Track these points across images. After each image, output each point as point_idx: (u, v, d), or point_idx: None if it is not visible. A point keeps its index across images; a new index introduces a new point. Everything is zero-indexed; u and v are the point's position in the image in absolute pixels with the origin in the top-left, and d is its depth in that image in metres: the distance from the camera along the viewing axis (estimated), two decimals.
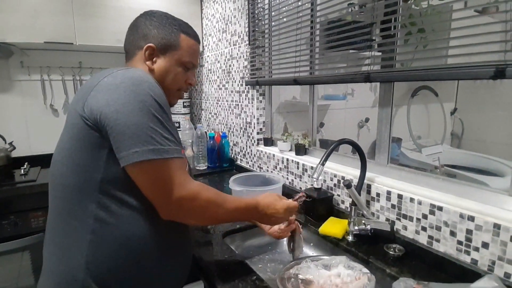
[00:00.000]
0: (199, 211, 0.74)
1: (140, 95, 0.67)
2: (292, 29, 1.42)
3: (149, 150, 0.65)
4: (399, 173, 1.08)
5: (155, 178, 0.67)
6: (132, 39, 0.84)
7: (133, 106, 0.66)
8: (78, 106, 0.70)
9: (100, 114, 0.66)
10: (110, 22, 1.94)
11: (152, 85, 0.70)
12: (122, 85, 0.68)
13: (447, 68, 0.86)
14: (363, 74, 1.07)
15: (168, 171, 0.68)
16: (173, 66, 0.84)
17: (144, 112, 0.66)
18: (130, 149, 0.65)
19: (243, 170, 1.86)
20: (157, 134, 0.67)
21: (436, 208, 0.91)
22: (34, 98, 2.11)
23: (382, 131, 1.13)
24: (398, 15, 1.00)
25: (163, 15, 0.85)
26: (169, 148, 0.68)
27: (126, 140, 0.65)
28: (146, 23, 0.83)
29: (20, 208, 1.62)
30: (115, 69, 0.72)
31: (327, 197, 1.22)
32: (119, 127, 0.65)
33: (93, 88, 0.69)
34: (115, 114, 0.65)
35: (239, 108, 1.92)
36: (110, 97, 0.67)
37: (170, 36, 0.83)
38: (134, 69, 0.73)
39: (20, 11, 1.72)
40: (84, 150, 0.69)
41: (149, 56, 0.82)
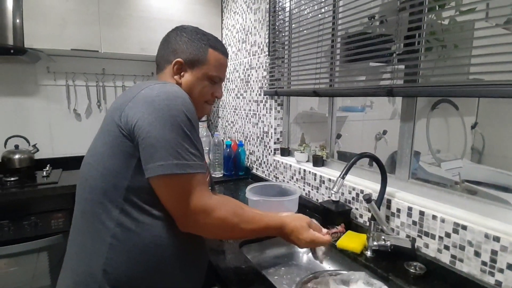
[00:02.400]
0: (213, 227, 0.74)
1: (173, 110, 0.70)
2: (313, 41, 1.43)
3: (173, 165, 0.68)
4: (420, 189, 1.06)
5: (176, 191, 0.70)
6: (163, 53, 0.89)
7: (165, 121, 0.69)
8: (116, 114, 0.73)
9: (134, 125, 0.70)
10: (134, 32, 2.00)
11: (185, 101, 0.74)
12: (157, 98, 0.71)
13: (471, 85, 0.85)
14: (386, 88, 1.06)
15: (188, 185, 0.70)
16: (199, 80, 0.87)
17: (175, 127, 0.69)
18: (156, 162, 0.68)
19: (258, 179, 1.86)
20: (184, 150, 0.70)
21: (460, 227, 0.88)
22: (59, 103, 2.19)
23: (403, 145, 1.11)
24: (422, 30, 0.99)
25: (193, 30, 0.89)
26: (194, 164, 0.71)
27: (154, 153, 0.68)
28: (176, 39, 0.87)
29: (41, 209, 1.67)
30: (154, 82, 0.76)
31: (345, 210, 1.21)
32: (149, 140, 0.68)
33: (131, 99, 0.73)
34: (148, 126, 0.68)
35: (257, 117, 1.93)
36: (145, 109, 0.70)
37: (198, 51, 0.86)
38: (171, 84, 0.77)
39: (48, 20, 1.79)
40: (116, 157, 0.72)
41: (177, 70, 0.86)
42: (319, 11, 1.42)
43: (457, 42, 0.94)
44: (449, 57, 0.97)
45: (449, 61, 0.96)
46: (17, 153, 1.85)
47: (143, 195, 0.72)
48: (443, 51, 0.99)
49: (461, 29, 0.95)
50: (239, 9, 2.08)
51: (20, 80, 2.05)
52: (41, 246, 1.65)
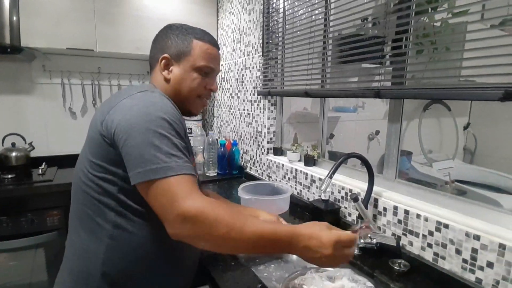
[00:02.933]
0: (205, 230, 0.63)
1: (150, 115, 0.70)
2: (305, 42, 1.46)
3: (151, 170, 0.65)
4: (406, 188, 1.09)
5: (159, 196, 0.66)
6: (153, 53, 0.90)
7: (140, 126, 0.68)
8: (98, 122, 0.74)
9: (114, 133, 0.70)
10: (129, 31, 2.02)
11: (164, 105, 0.73)
12: (136, 107, 0.71)
13: (456, 88, 0.87)
14: (373, 90, 1.09)
15: (172, 188, 0.65)
16: (188, 73, 0.86)
17: (151, 132, 0.68)
18: (135, 170, 0.67)
19: (252, 178, 1.89)
20: (163, 153, 0.67)
21: (442, 226, 0.91)
22: (54, 101, 2.20)
23: (390, 146, 1.14)
24: (409, 33, 1.02)
25: (180, 26, 0.89)
26: (176, 165, 0.67)
27: (131, 161, 0.68)
28: (163, 37, 0.88)
29: (37, 206, 1.69)
30: (137, 90, 0.77)
31: (334, 209, 1.24)
32: (127, 148, 0.68)
33: (113, 108, 0.74)
34: (125, 134, 0.68)
35: (251, 117, 1.96)
36: (123, 117, 0.70)
37: (183, 44, 0.86)
38: (151, 93, 0.76)
39: (44, 18, 1.80)
40: (103, 165, 0.74)
41: (165, 66, 0.86)
42: (311, 13, 1.45)
43: (448, 44, 0.96)
44: (439, 60, 0.99)
45: (439, 64, 0.98)
46: (13, 151, 1.87)
47: (134, 197, 0.73)
48: (434, 54, 1.01)
49: (452, 31, 0.97)
50: (234, 9, 2.10)
51: (16, 78, 2.06)
52: (37, 243, 1.67)
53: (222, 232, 0.63)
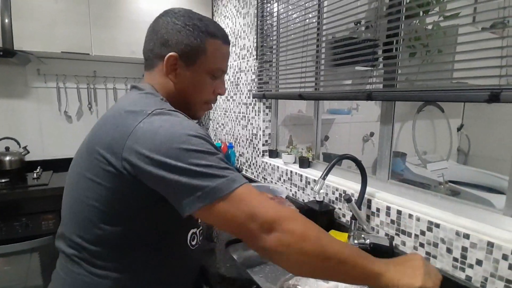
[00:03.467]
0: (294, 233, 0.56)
1: (182, 136, 0.59)
2: (299, 45, 1.48)
3: (214, 189, 0.57)
4: (399, 189, 1.10)
5: (231, 214, 0.57)
6: (152, 45, 0.74)
7: (177, 151, 0.58)
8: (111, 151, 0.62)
9: (143, 169, 0.59)
10: (125, 34, 2.02)
11: (190, 124, 0.63)
12: (161, 129, 0.60)
13: (445, 90, 0.89)
14: (366, 92, 1.11)
15: (244, 200, 0.58)
16: (199, 76, 0.74)
17: (191, 151, 0.58)
18: (191, 196, 0.57)
19: (248, 180, 1.89)
20: (216, 168, 0.58)
21: (433, 225, 0.93)
22: (49, 105, 2.19)
23: (383, 147, 1.16)
24: (400, 36, 1.04)
25: (187, 14, 0.73)
26: (235, 176, 0.59)
27: (183, 188, 0.58)
28: (167, 27, 0.72)
29: (32, 210, 1.68)
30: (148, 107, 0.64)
31: (328, 210, 1.25)
32: (171, 177, 0.57)
33: (129, 137, 0.61)
34: (162, 167, 0.58)
35: (246, 119, 1.97)
36: (153, 145, 0.59)
37: (195, 42, 0.71)
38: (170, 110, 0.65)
39: (38, 21, 1.80)
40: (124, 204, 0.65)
41: (171, 66, 0.72)
42: (305, 17, 1.47)
43: (440, 47, 0.98)
44: (430, 62, 1.01)
45: (430, 66, 0.99)
46: (7, 155, 1.87)
47: None
48: (426, 56, 1.03)
49: (444, 34, 0.99)
50: (229, 13, 2.12)
51: (10, 82, 2.06)
52: (32, 247, 1.66)
53: (312, 237, 0.57)
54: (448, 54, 0.94)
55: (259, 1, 1.75)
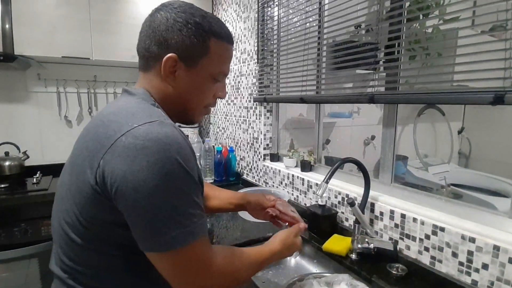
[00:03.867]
0: (229, 281, 0.64)
1: (166, 165, 0.53)
2: (300, 49, 1.47)
3: (172, 238, 0.54)
4: (402, 192, 1.09)
5: (177, 267, 0.57)
6: (148, 43, 0.66)
7: (156, 182, 0.52)
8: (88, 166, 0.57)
9: (115, 190, 0.54)
10: (125, 39, 2.02)
11: (180, 147, 0.56)
12: (144, 151, 0.53)
13: (448, 93, 0.89)
14: (368, 95, 1.10)
15: (191, 257, 0.57)
16: (200, 80, 0.68)
17: (170, 190, 0.54)
18: (147, 238, 0.55)
19: (249, 185, 1.88)
20: (182, 214, 0.55)
21: (438, 229, 0.92)
22: (49, 109, 2.19)
23: (386, 150, 1.15)
24: (401, 39, 1.04)
25: (189, 10, 0.65)
26: (195, 227, 0.56)
27: (143, 226, 0.55)
28: (166, 24, 0.64)
29: (31, 216, 1.67)
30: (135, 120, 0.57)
31: (331, 214, 1.24)
32: (137, 210, 0.54)
33: (108, 149, 0.55)
34: (133, 193, 0.53)
35: (247, 123, 1.96)
36: (128, 168, 0.53)
37: (197, 42, 0.64)
38: (159, 124, 0.57)
39: (39, 26, 1.80)
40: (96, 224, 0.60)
41: (170, 69, 0.65)
42: (306, 20, 1.47)
43: (440, 50, 0.98)
44: (432, 65, 1.01)
45: (432, 69, 0.99)
46: (7, 160, 1.85)
47: None
48: (427, 59, 1.03)
49: (444, 37, 0.99)
50: (230, 18, 2.12)
51: (10, 87, 2.05)
52: (31, 253, 1.64)
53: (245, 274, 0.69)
54: (451, 57, 0.93)
55: (259, 6, 1.75)
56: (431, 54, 1.01)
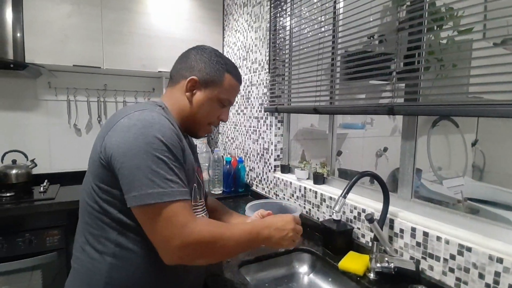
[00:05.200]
0: (207, 250, 0.70)
1: (148, 137, 0.69)
2: (313, 59, 1.45)
3: (147, 194, 0.66)
4: (423, 208, 1.04)
5: (155, 222, 0.67)
6: (179, 67, 0.89)
7: (138, 149, 0.68)
8: (98, 144, 0.75)
9: (111, 156, 0.70)
10: (136, 48, 2.03)
11: (162, 127, 0.72)
12: (134, 127, 0.70)
13: (472, 105, 0.85)
14: (386, 107, 1.06)
15: (167, 215, 0.67)
16: (210, 101, 0.87)
17: (148, 155, 0.68)
18: (130, 193, 0.67)
19: (258, 196, 1.84)
20: (159, 177, 0.67)
21: (464, 249, 0.86)
22: (59, 118, 2.18)
23: (405, 164, 1.10)
24: (422, 49, 1.00)
25: (213, 52, 0.89)
26: (171, 191, 0.68)
27: (127, 184, 0.68)
28: (196, 57, 0.87)
29: (36, 226, 1.64)
30: (134, 109, 0.76)
31: (346, 230, 1.18)
32: (123, 170, 0.68)
33: (111, 128, 0.73)
34: (122, 157, 0.68)
35: (257, 133, 1.93)
36: (121, 139, 0.70)
37: (215, 73, 0.86)
38: (150, 111, 0.75)
39: (50, 35, 1.81)
40: (103, 187, 0.74)
41: (190, 87, 0.86)
42: (319, 30, 1.44)
43: (455, 61, 0.95)
44: (447, 76, 0.98)
45: (448, 80, 0.96)
46: (14, 168, 1.84)
47: (134, 218, 0.72)
48: (442, 70, 0.99)
49: (458, 49, 0.96)
50: (240, 27, 2.12)
51: (20, 95, 2.06)
52: (34, 264, 1.60)
53: (220, 244, 0.71)
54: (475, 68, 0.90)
55: (271, 16, 1.74)
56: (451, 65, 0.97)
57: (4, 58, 1.68)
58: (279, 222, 0.83)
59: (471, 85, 0.89)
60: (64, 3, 1.83)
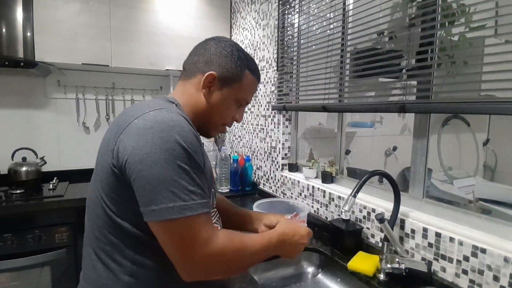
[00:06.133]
0: (227, 264, 0.67)
1: (168, 143, 0.61)
2: (322, 56, 1.43)
3: (168, 208, 0.59)
4: (435, 208, 1.02)
5: (175, 239, 0.61)
6: (195, 59, 0.79)
7: (157, 156, 0.60)
8: (108, 147, 0.66)
9: (125, 163, 0.62)
10: (144, 47, 2.03)
11: (183, 130, 0.64)
12: (150, 130, 0.62)
13: (485, 102, 0.83)
14: (398, 104, 1.04)
15: (189, 230, 0.61)
16: (227, 100, 0.80)
17: (169, 163, 0.60)
18: (148, 206, 0.60)
19: (265, 195, 1.83)
20: (181, 188, 0.61)
21: (479, 250, 0.84)
22: (68, 116, 2.20)
23: (416, 163, 1.08)
24: (434, 45, 0.98)
25: (234, 45, 0.80)
26: (193, 204, 0.61)
27: (145, 196, 0.61)
28: (216, 50, 0.78)
29: (46, 223, 1.65)
30: (148, 107, 0.67)
31: (356, 230, 1.17)
32: (140, 180, 0.61)
33: (123, 130, 0.65)
34: (138, 164, 0.60)
35: (264, 132, 1.92)
36: (136, 143, 0.61)
37: (235, 70, 0.78)
38: (168, 111, 0.67)
39: (60, 34, 1.83)
40: (116, 198, 0.67)
41: (208, 84, 0.77)
42: (327, 27, 1.42)
43: (467, 59, 0.93)
44: (458, 73, 0.95)
45: (460, 77, 0.94)
46: (24, 166, 1.86)
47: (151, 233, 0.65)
48: (453, 67, 0.97)
49: (470, 45, 0.94)
50: (248, 25, 2.10)
51: (29, 93, 2.08)
52: (44, 261, 1.62)
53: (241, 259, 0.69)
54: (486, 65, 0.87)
55: (280, 13, 1.72)
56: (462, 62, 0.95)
57: (14, 57, 1.70)
58: (295, 237, 0.82)
59: (484, 82, 0.86)
60: (73, 2, 1.84)
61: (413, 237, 1.01)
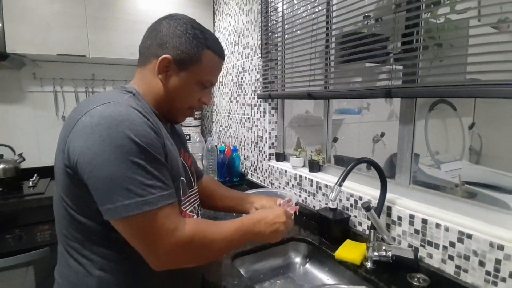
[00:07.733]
0: (197, 252, 0.66)
1: (117, 140, 0.58)
2: (306, 42, 1.38)
3: (124, 206, 0.57)
4: (422, 195, 1.00)
5: (137, 234, 0.60)
6: (149, 43, 0.74)
7: (107, 155, 0.58)
8: (60, 147, 0.64)
9: (76, 163, 0.60)
10: (123, 35, 1.94)
11: (132, 124, 0.61)
12: (98, 128, 0.59)
13: (471, 85, 0.81)
14: (384, 89, 1.01)
15: (151, 224, 0.59)
16: (188, 84, 0.74)
17: (121, 161, 0.58)
18: (104, 205, 0.59)
19: (254, 185, 1.80)
20: (136, 184, 0.58)
21: (465, 236, 0.83)
22: (46, 110, 2.11)
23: (403, 149, 1.06)
24: (420, 27, 0.95)
25: (188, 22, 0.74)
26: (152, 198, 0.59)
27: (100, 195, 0.59)
28: (169, 30, 0.72)
29: (26, 221, 1.60)
30: (96, 103, 0.63)
31: (343, 218, 1.15)
32: (93, 181, 0.59)
33: (72, 129, 0.62)
34: (89, 165, 0.59)
35: (251, 121, 1.88)
36: (84, 143, 0.59)
37: (192, 50, 0.72)
38: (115, 104, 0.63)
39: (31, 23, 1.72)
40: (74, 201, 0.65)
41: (164, 68, 0.72)
42: (312, 11, 1.37)
43: (452, 42, 0.90)
44: (444, 57, 0.93)
45: (445, 61, 0.92)
46: (1, 163, 1.78)
47: None
48: (439, 50, 0.95)
49: (455, 28, 0.91)
50: (231, 11, 2.03)
51: (4, 87, 1.98)
52: (26, 261, 1.57)
53: (213, 245, 0.67)
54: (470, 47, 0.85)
55: None
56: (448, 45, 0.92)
57: None
58: (269, 216, 0.78)
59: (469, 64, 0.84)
60: None
61: (400, 224, 1.00)
